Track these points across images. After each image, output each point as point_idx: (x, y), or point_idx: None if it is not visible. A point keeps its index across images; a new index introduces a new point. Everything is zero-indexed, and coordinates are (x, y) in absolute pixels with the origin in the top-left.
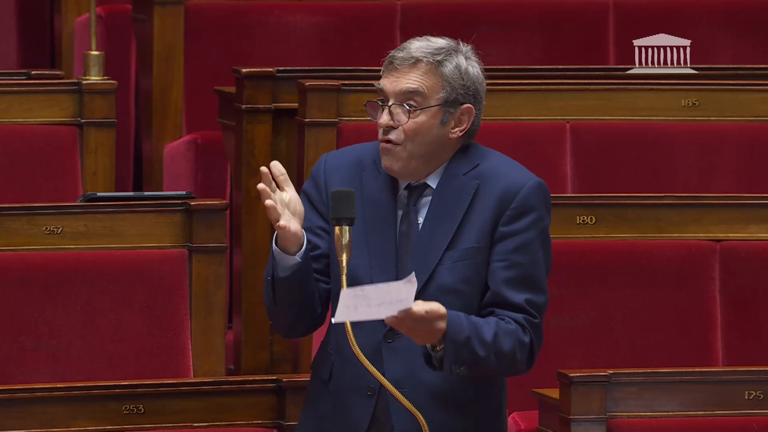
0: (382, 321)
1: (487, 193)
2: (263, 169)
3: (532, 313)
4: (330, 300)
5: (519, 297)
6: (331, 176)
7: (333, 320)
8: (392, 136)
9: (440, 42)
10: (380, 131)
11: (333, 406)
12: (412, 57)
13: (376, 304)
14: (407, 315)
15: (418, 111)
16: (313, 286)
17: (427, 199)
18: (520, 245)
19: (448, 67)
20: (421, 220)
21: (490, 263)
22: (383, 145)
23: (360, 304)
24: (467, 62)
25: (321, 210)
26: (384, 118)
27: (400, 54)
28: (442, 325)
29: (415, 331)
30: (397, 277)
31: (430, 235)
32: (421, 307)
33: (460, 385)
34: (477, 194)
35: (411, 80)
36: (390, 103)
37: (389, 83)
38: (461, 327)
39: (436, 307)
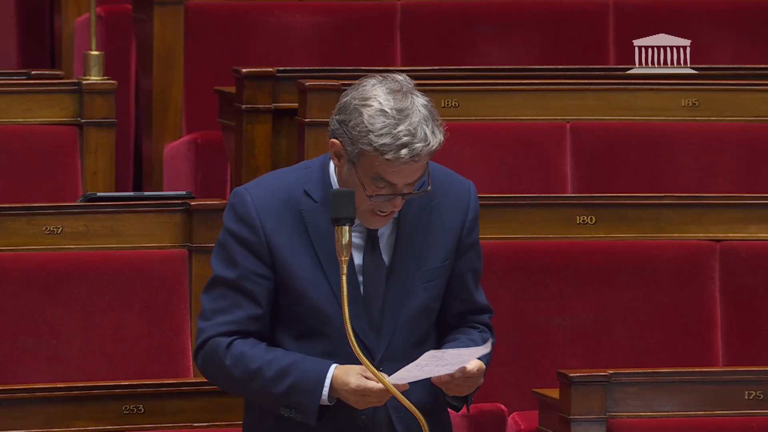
0: (369, 348)
1: (441, 209)
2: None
3: (491, 308)
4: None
5: (482, 298)
6: (265, 215)
7: (392, 376)
8: (395, 207)
9: (408, 105)
10: (375, 205)
11: None
12: (425, 154)
13: (443, 365)
14: (463, 373)
15: (429, 181)
16: None
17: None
18: (479, 251)
19: (439, 131)
20: (382, 243)
21: (457, 275)
22: (381, 218)
23: (430, 364)
24: (420, 96)
25: (261, 253)
26: (399, 207)
27: (406, 151)
28: (482, 380)
29: (462, 387)
30: (365, 303)
31: (402, 260)
32: (473, 365)
33: (439, 400)
34: (433, 211)
35: (421, 168)
36: (405, 193)
37: (399, 178)
38: None
39: (479, 363)
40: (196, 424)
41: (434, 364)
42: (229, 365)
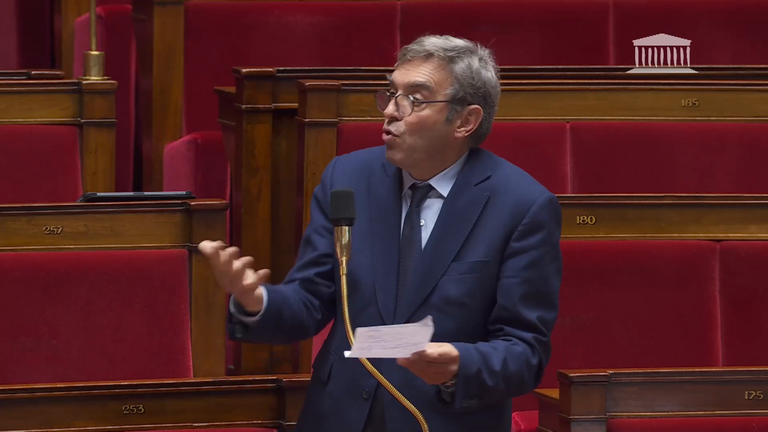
0: (385, 321)
1: (497, 207)
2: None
3: (542, 331)
4: (335, 300)
5: (530, 314)
6: (338, 179)
7: (346, 354)
8: (393, 127)
9: (458, 42)
10: (384, 122)
11: (330, 407)
12: (426, 51)
13: (391, 346)
14: (420, 357)
15: (424, 104)
16: (292, 315)
17: (430, 201)
18: (531, 262)
19: (460, 65)
20: (423, 222)
21: (500, 279)
22: (384, 136)
23: (375, 345)
24: (481, 64)
25: (326, 211)
26: (389, 108)
27: (414, 47)
28: (454, 368)
29: (426, 372)
30: (398, 279)
31: (438, 244)
32: (435, 349)
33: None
34: (487, 206)
35: (420, 73)
36: (397, 94)
37: (399, 75)
38: (471, 361)
39: (448, 349)
40: (196, 424)
41: (380, 346)
42: None
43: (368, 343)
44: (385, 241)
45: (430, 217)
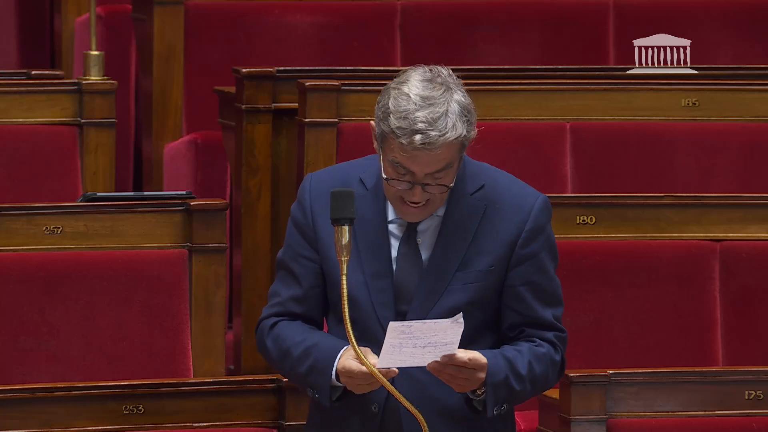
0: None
1: (496, 216)
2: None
3: (560, 327)
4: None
5: (547, 314)
6: (316, 200)
7: (377, 365)
8: (430, 206)
9: (437, 95)
10: (400, 192)
11: (338, 424)
12: (441, 142)
13: (422, 345)
14: (450, 360)
15: (453, 178)
16: None
17: (428, 220)
18: (539, 266)
19: (464, 126)
20: (420, 240)
21: (511, 286)
22: (412, 209)
23: (406, 344)
24: (462, 94)
25: (308, 236)
26: (418, 196)
27: (424, 140)
28: (482, 375)
29: (456, 379)
30: (395, 297)
31: (441, 256)
32: (464, 354)
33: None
34: (485, 216)
35: (441, 161)
36: (423, 183)
37: (416, 167)
38: (499, 368)
39: (477, 356)
40: (196, 424)
41: (412, 344)
42: (269, 346)
43: (399, 342)
44: (375, 258)
45: (429, 234)
